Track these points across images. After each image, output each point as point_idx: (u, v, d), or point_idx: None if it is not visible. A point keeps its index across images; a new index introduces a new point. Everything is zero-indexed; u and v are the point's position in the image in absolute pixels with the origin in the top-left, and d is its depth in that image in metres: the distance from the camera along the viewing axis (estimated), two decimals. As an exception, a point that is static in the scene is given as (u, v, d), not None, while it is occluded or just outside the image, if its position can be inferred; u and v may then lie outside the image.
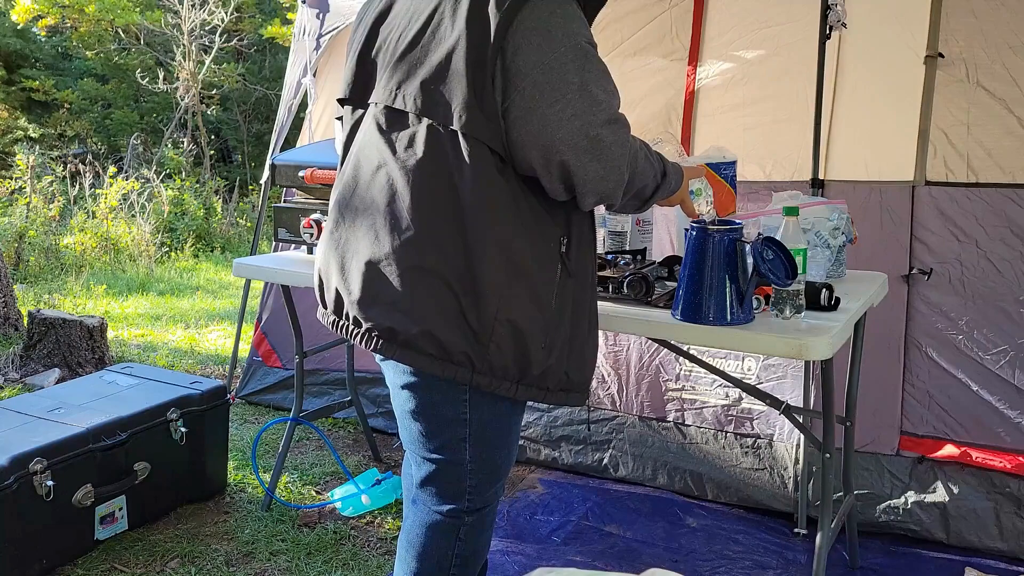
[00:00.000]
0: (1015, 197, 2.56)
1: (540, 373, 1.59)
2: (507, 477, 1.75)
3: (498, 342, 1.54)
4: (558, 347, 1.59)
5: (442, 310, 1.53)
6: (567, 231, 1.61)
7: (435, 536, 1.68)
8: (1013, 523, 2.53)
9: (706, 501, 2.92)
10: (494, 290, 1.52)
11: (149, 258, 7.68)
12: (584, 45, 1.52)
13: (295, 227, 2.72)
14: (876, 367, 2.65)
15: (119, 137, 11.34)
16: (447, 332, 1.53)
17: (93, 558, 2.51)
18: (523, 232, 1.54)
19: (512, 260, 1.53)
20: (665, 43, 3.12)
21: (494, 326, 1.53)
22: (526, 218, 1.55)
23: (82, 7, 10.75)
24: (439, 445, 1.63)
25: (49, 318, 4.19)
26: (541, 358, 1.57)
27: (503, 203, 1.53)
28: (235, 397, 3.82)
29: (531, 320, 1.55)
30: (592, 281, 1.70)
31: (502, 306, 1.52)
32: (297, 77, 3.79)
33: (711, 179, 2.25)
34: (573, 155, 1.49)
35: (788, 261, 1.77)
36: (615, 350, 3.10)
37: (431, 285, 1.53)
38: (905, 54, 2.71)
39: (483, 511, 1.69)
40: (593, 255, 1.71)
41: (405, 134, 1.56)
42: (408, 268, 1.54)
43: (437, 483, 1.67)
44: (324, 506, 2.87)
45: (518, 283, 1.54)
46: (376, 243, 1.58)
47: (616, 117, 1.54)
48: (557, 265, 1.58)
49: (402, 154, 1.55)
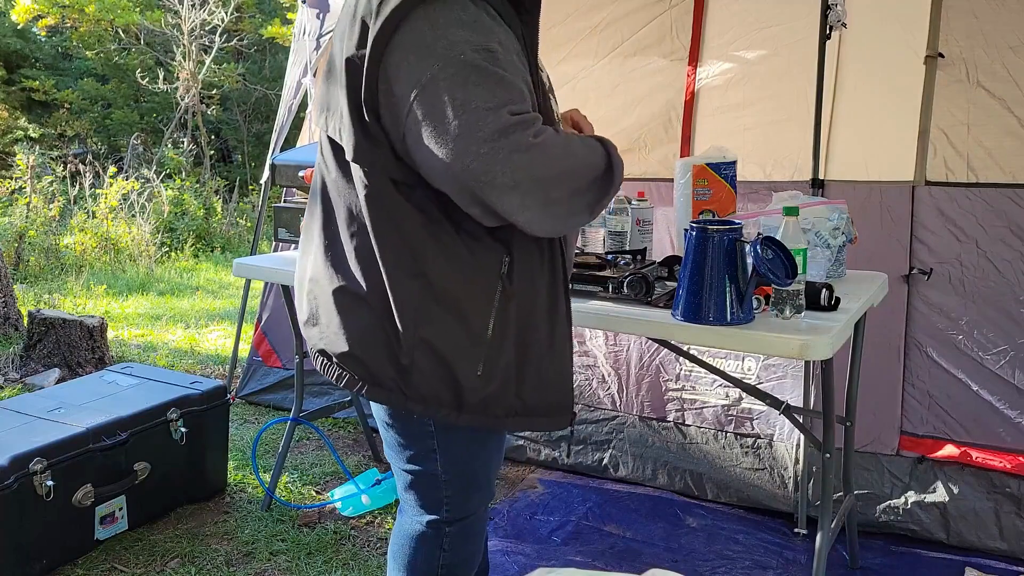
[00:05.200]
0: (1015, 197, 2.56)
1: (479, 400, 1.49)
2: (490, 489, 1.69)
3: (420, 368, 1.47)
4: (500, 373, 1.49)
5: (367, 334, 1.49)
6: (508, 250, 1.48)
7: (419, 546, 1.66)
8: (1013, 523, 2.53)
9: (706, 501, 2.92)
10: (411, 315, 1.45)
11: (149, 258, 7.68)
12: (466, 56, 1.34)
13: (295, 227, 2.72)
14: (876, 367, 2.65)
15: (119, 137, 11.34)
16: (373, 356, 1.49)
17: (93, 558, 2.51)
18: (444, 258, 1.45)
19: (430, 289, 1.45)
20: (665, 43, 3.12)
21: (413, 352, 1.46)
22: (450, 243, 1.45)
23: (82, 7, 10.75)
24: (412, 455, 1.61)
25: (49, 318, 4.19)
26: (477, 385, 1.48)
27: (415, 230, 1.45)
28: (235, 397, 3.82)
29: (455, 346, 1.46)
30: (551, 299, 1.55)
31: (419, 332, 1.46)
32: (297, 77, 3.79)
33: (711, 179, 2.25)
34: (478, 186, 1.33)
35: (788, 261, 1.77)
36: (615, 350, 3.10)
37: (356, 309, 1.50)
38: (905, 54, 2.71)
39: (465, 521, 1.66)
40: (556, 267, 1.56)
41: (337, 158, 1.53)
42: (336, 291, 1.52)
43: (415, 493, 1.65)
44: (324, 506, 2.87)
45: (439, 308, 1.46)
46: (314, 264, 1.58)
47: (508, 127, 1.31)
48: (495, 289, 1.47)
49: (334, 178, 1.53)
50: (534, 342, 1.53)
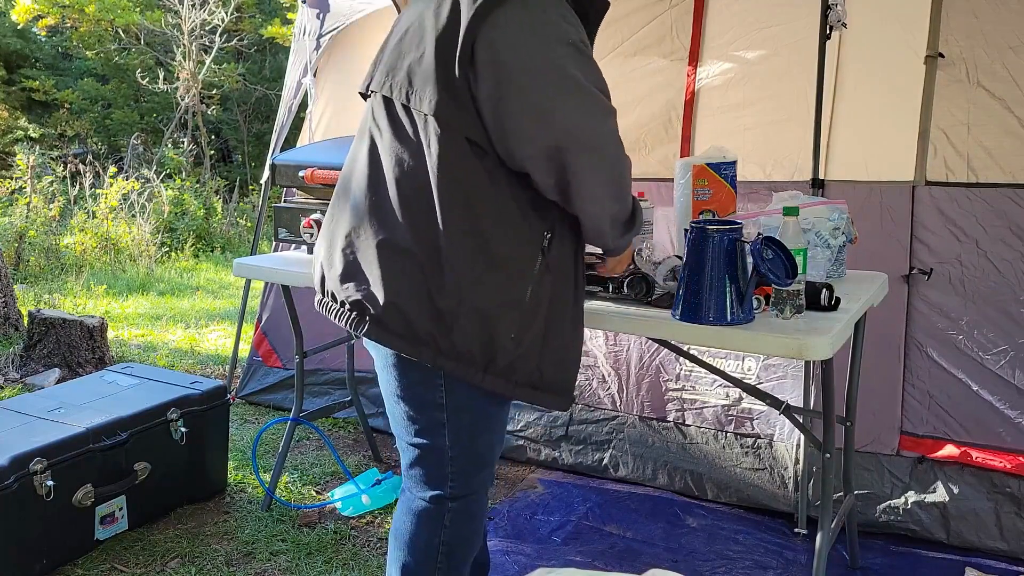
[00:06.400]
0: (1015, 197, 2.56)
1: (507, 364, 1.58)
2: (491, 470, 1.75)
3: (463, 326, 1.54)
4: (528, 340, 1.59)
5: (411, 287, 1.55)
6: (552, 226, 1.61)
7: (421, 523, 1.69)
8: (1013, 523, 2.53)
9: (706, 501, 2.92)
10: (462, 275, 1.53)
11: (149, 258, 7.68)
12: (577, 43, 1.52)
13: (295, 227, 2.72)
14: (876, 367, 2.65)
15: (119, 137, 11.34)
16: (413, 309, 1.55)
17: (93, 558, 2.51)
18: (500, 221, 1.55)
19: (484, 248, 1.54)
20: (665, 43, 3.12)
21: (459, 310, 1.53)
22: (507, 208, 1.55)
23: (82, 7, 10.76)
24: (420, 429, 1.65)
25: (49, 318, 4.19)
26: (510, 347, 1.56)
27: (479, 191, 1.54)
28: (235, 397, 3.82)
29: (499, 309, 1.55)
30: (577, 280, 1.69)
31: (469, 292, 1.53)
32: (297, 77, 3.79)
33: (711, 179, 2.25)
34: (576, 152, 1.51)
35: (788, 261, 1.77)
36: (615, 350, 3.10)
37: (402, 262, 1.56)
38: (905, 54, 2.71)
39: (468, 498, 1.70)
40: (579, 254, 1.70)
41: (393, 119, 1.59)
42: (380, 244, 1.57)
43: (420, 468, 1.68)
44: (324, 506, 2.87)
45: (489, 271, 1.54)
46: (357, 220, 1.62)
47: (610, 110, 1.55)
48: (537, 259, 1.58)
49: (387, 138, 1.59)
50: (560, 317, 1.64)
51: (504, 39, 1.48)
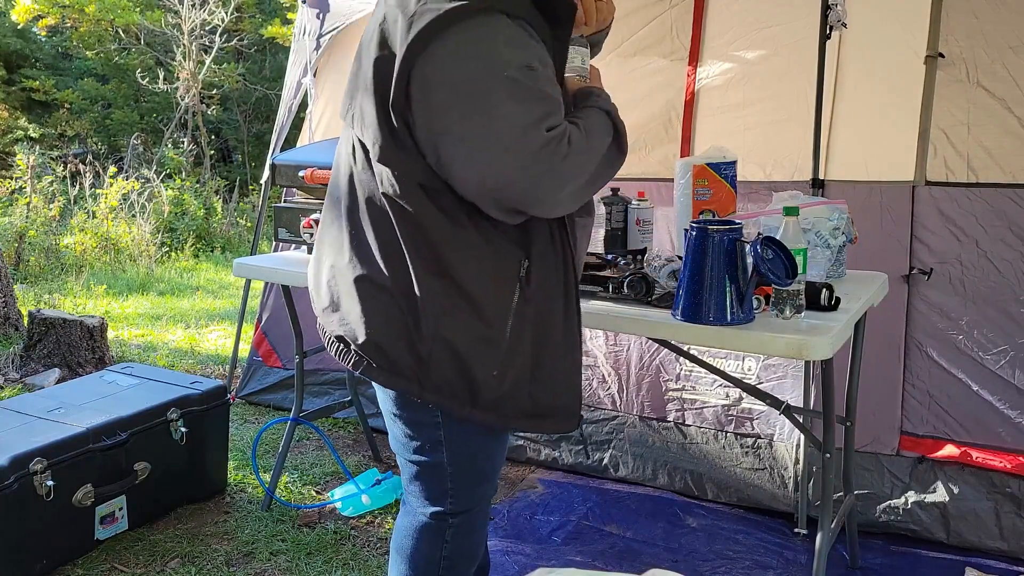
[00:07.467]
0: (1015, 197, 2.56)
1: (495, 399, 1.52)
2: (494, 482, 1.71)
3: (438, 363, 1.50)
4: (514, 374, 1.53)
5: (389, 324, 1.52)
6: (529, 252, 1.52)
7: (422, 538, 1.68)
8: (1013, 523, 2.53)
9: (706, 501, 2.92)
10: (434, 315, 1.48)
11: (149, 258, 7.68)
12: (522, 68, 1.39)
13: (295, 227, 2.72)
14: (876, 367, 2.65)
15: (119, 137, 11.34)
16: (394, 346, 1.52)
17: (93, 558, 2.51)
18: (469, 260, 1.49)
19: (456, 288, 1.48)
20: (665, 43, 3.12)
21: (434, 348, 1.49)
22: (473, 245, 1.49)
23: (82, 7, 10.75)
24: (418, 446, 1.63)
25: (49, 318, 4.19)
26: (493, 384, 1.51)
27: (442, 233, 1.48)
28: (235, 397, 3.82)
29: (474, 346, 1.49)
30: (567, 303, 1.60)
31: (440, 328, 1.49)
32: (297, 77, 3.79)
33: (711, 179, 2.25)
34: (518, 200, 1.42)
35: (788, 261, 1.76)
36: (615, 350, 3.10)
37: (381, 299, 1.52)
38: (905, 54, 2.71)
39: (469, 514, 1.67)
40: (566, 276, 1.60)
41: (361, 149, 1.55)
42: (358, 279, 1.54)
43: (420, 484, 1.66)
44: (324, 506, 2.87)
45: (459, 307, 1.49)
46: (338, 253, 1.59)
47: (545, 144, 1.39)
48: (514, 293, 1.51)
49: (360, 170, 1.56)
50: (549, 345, 1.57)
51: (438, 76, 1.39)
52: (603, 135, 1.53)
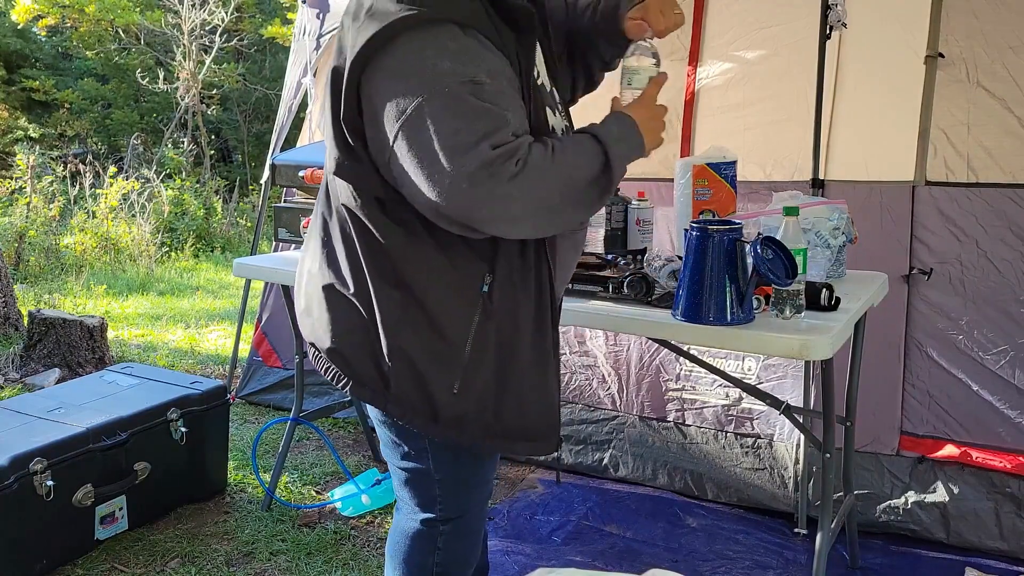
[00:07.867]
0: (1015, 197, 2.56)
1: (455, 416, 1.48)
2: (485, 489, 1.69)
3: (397, 375, 1.48)
4: (478, 391, 1.48)
5: (352, 333, 1.51)
6: (493, 266, 1.47)
7: (414, 544, 1.67)
8: (1013, 523, 2.53)
9: (706, 501, 2.92)
10: (392, 323, 1.47)
11: (149, 258, 7.68)
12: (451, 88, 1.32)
13: (295, 227, 2.72)
14: (876, 367, 2.64)
15: (119, 137, 11.34)
16: (356, 356, 1.50)
17: (93, 558, 2.51)
18: (427, 273, 1.46)
19: (414, 301, 1.46)
20: (665, 43, 3.10)
21: (392, 362, 1.48)
22: (432, 259, 1.45)
23: (82, 7, 10.76)
24: (405, 453, 1.61)
25: (49, 318, 4.19)
26: (451, 401, 1.47)
27: (399, 247, 1.45)
28: (235, 397, 3.82)
29: (432, 360, 1.46)
30: (539, 322, 1.54)
31: (398, 340, 1.47)
32: (297, 77, 3.79)
33: (711, 179, 2.25)
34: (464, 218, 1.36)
35: (788, 261, 1.77)
36: (615, 350, 3.10)
37: (344, 308, 1.51)
38: (905, 54, 2.71)
39: (460, 520, 1.65)
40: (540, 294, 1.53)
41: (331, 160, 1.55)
42: (327, 287, 1.54)
43: (410, 491, 1.65)
44: (324, 506, 2.87)
45: (417, 320, 1.46)
46: (313, 258, 1.60)
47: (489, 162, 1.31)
48: (476, 308, 1.46)
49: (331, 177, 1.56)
50: (516, 368, 1.51)
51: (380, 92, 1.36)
52: (580, 159, 1.43)
